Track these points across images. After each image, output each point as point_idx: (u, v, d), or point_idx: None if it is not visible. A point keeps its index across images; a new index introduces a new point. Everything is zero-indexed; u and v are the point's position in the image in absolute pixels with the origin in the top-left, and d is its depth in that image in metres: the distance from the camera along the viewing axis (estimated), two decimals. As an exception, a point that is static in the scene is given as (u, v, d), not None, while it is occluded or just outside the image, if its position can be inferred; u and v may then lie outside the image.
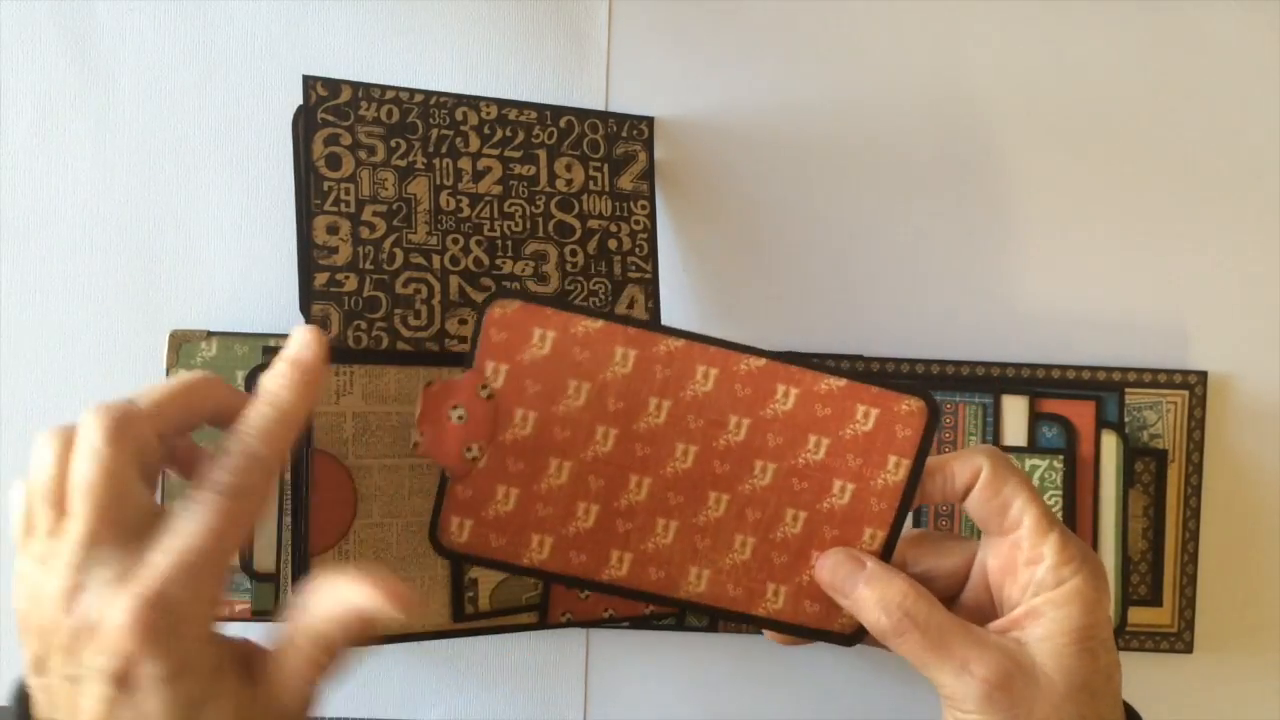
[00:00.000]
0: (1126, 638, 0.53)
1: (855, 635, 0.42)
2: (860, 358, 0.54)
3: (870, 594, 0.39)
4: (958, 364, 0.53)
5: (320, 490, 0.46)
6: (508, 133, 0.50)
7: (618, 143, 0.52)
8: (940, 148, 0.55)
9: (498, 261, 0.49)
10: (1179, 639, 0.53)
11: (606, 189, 0.52)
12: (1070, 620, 0.37)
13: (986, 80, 0.55)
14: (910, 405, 0.41)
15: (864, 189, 0.55)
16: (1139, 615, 0.53)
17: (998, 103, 0.55)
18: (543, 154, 0.51)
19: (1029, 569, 0.38)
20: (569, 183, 0.51)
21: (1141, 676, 0.54)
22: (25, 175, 0.54)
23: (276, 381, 0.37)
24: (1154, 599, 0.53)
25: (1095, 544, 0.51)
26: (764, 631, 0.44)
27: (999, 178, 0.55)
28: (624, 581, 0.42)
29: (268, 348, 0.52)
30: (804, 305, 0.55)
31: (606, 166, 0.52)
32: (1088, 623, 0.37)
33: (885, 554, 0.41)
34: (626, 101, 0.55)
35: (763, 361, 0.40)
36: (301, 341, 0.38)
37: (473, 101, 0.50)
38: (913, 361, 0.53)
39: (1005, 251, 0.55)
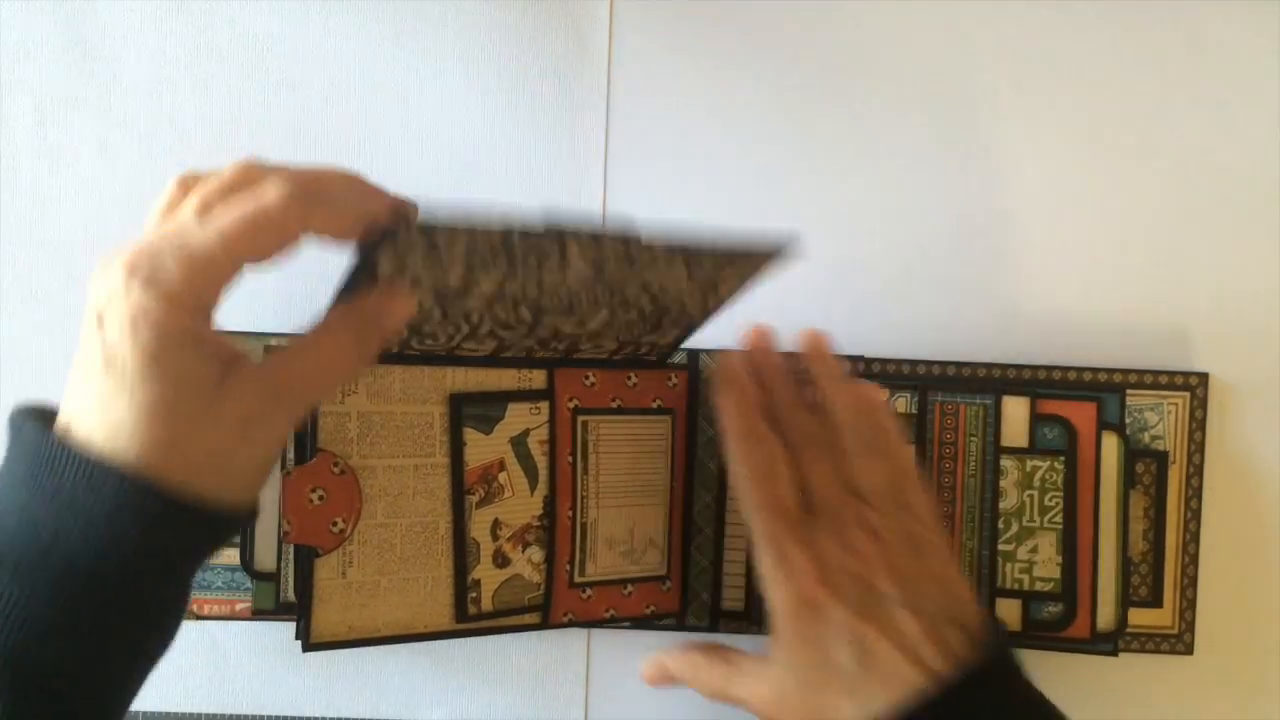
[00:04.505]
0: (1127, 639, 0.53)
1: None
2: (860, 358, 0.54)
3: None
4: (958, 365, 0.54)
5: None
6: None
7: None
8: (941, 148, 0.55)
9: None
10: (1180, 640, 0.53)
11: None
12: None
13: (989, 80, 0.55)
14: None
15: (864, 189, 0.55)
16: (1139, 616, 0.53)
17: (1000, 102, 0.55)
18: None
19: None
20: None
21: (1142, 678, 0.54)
22: (25, 175, 0.54)
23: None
24: (1155, 600, 0.53)
25: (1096, 545, 0.51)
26: None
27: (1000, 178, 0.55)
28: None
29: (269, 347, 0.52)
30: (804, 305, 0.55)
31: None
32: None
33: None
34: (626, 101, 0.55)
35: None
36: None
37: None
38: (913, 362, 0.53)
39: (1006, 252, 0.55)
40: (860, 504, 0.45)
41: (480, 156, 0.55)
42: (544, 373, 0.49)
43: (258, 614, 0.52)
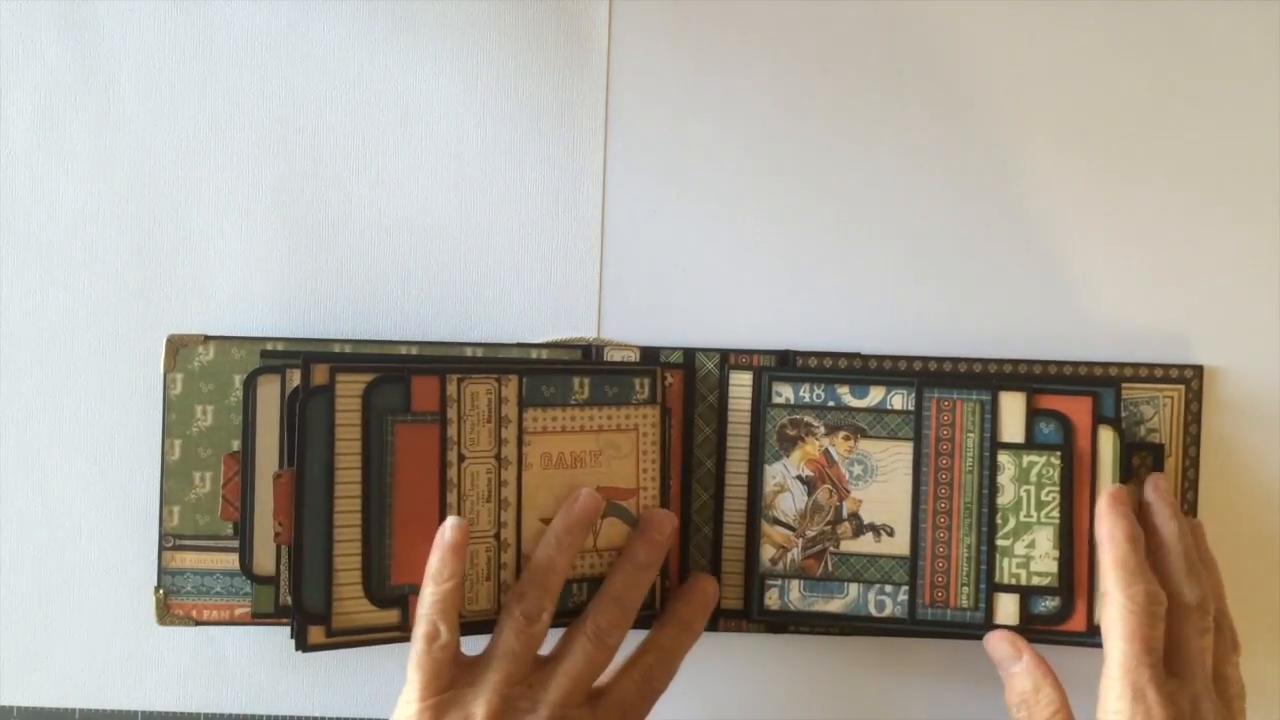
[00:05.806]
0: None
1: None
2: (859, 355, 0.54)
3: (1012, 684, 0.49)
4: (955, 360, 0.54)
5: None
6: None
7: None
8: (939, 146, 0.55)
9: None
10: (1176, 633, 0.54)
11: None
12: None
13: (987, 79, 0.56)
14: None
15: (862, 188, 0.55)
16: (1136, 609, 0.53)
17: (997, 101, 0.56)
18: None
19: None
20: None
21: (1140, 671, 0.54)
22: (25, 175, 0.54)
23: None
24: (1151, 593, 0.53)
25: (1092, 539, 0.51)
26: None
27: (997, 175, 0.55)
28: None
29: (265, 351, 0.52)
30: (803, 304, 0.55)
31: None
32: None
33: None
34: (626, 101, 0.55)
35: None
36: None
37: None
38: (910, 359, 0.54)
39: (1002, 248, 0.55)
40: (1223, 700, 0.48)
41: (479, 156, 0.55)
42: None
43: (257, 618, 0.52)
